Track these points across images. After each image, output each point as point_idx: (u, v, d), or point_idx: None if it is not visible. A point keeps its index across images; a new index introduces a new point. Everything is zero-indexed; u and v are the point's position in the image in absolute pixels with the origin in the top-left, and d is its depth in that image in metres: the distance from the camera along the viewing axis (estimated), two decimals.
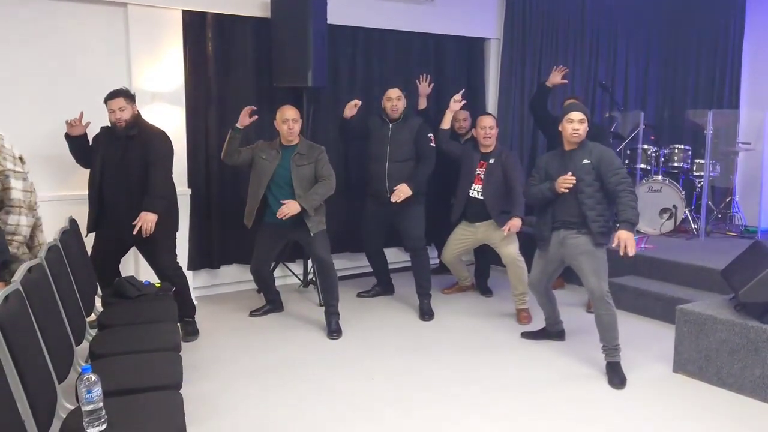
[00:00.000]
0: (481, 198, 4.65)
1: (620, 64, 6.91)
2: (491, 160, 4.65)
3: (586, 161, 3.59)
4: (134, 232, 3.81)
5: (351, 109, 4.73)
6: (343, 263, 5.61)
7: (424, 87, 5.22)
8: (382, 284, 5.21)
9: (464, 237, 4.82)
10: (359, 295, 5.18)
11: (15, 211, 3.15)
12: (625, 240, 3.39)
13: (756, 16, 6.73)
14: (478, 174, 4.68)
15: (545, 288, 4.02)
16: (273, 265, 4.95)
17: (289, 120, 4.21)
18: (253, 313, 4.66)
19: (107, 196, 3.94)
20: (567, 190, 3.61)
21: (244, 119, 4.28)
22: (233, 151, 4.29)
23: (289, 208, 4.13)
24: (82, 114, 4.00)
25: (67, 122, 3.98)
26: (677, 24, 7.13)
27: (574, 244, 3.66)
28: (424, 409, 3.23)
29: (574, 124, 3.59)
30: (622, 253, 3.40)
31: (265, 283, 4.67)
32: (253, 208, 4.32)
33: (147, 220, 3.82)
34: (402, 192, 4.56)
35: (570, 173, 3.60)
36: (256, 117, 4.36)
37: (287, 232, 4.35)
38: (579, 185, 3.60)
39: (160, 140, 4.00)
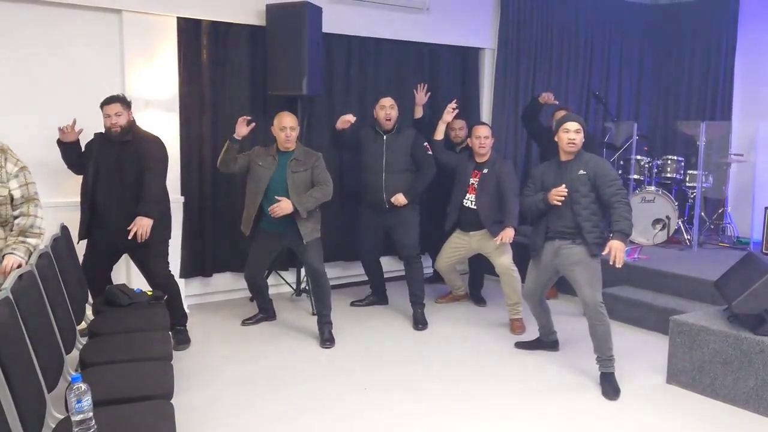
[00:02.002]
0: (475, 208, 4.65)
1: (614, 74, 6.94)
2: (485, 170, 4.65)
3: (581, 172, 3.60)
4: (129, 237, 3.78)
5: (343, 123, 4.69)
6: (336, 272, 5.60)
7: (421, 96, 5.22)
8: (376, 294, 5.20)
9: (458, 246, 4.82)
10: (353, 304, 5.16)
11: (40, 204, 3.17)
12: (616, 250, 3.40)
13: (748, 28, 6.78)
14: (472, 183, 4.69)
15: (539, 298, 4.01)
16: (266, 272, 4.93)
17: (286, 128, 4.18)
18: (246, 322, 4.63)
19: (100, 202, 3.91)
20: (559, 203, 3.61)
21: (242, 129, 4.25)
22: (230, 159, 4.27)
23: (282, 206, 4.08)
24: (74, 121, 3.98)
25: (59, 129, 3.96)
26: (670, 35, 7.17)
27: (568, 254, 3.66)
28: (417, 420, 3.21)
29: (570, 134, 3.61)
30: (611, 262, 3.42)
31: (258, 290, 4.63)
32: (250, 215, 4.28)
33: (142, 225, 3.79)
34: (398, 201, 4.63)
35: (564, 185, 3.62)
36: (254, 125, 4.34)
37: (282, 238, 4.31)
38: (574, 196, 3.60)
39: (155, 146, 3.99)
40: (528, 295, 4.01)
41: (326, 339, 4.25)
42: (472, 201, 4.67)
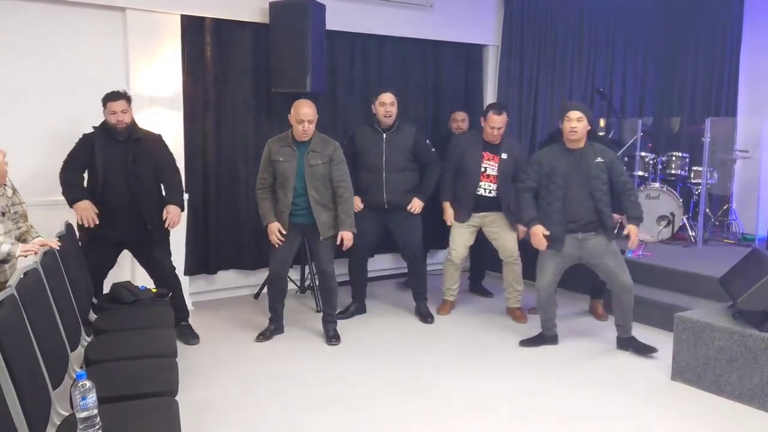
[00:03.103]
0: (494, 196, 4.57)
1: (618, 71, 6.92)
2: (504, 155, 4.55)
3: (599, 160, 3.78)
4: (166, 226, 3.90)
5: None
6: (338, 269, 5.56)
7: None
8: (357, 301, 4.86)
9: (470, 231, 4.71)
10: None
11: None
12: (635, 235, 3.81)
13: (753, 24, 6.75)
14: (485, 170, 4.57)
15: (554, 291, 4.06)
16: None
17: (304, 121, 3.96)
18: (260, 338, 4.24)
19: (112, 202, 3.88)
20: (538, 246, 3.86)
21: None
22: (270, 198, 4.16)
23: (349, 238, 4.09)
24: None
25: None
26: (675, 31, 7.14)
27: (594, 244, 3.82)
28: (420, 418, 3.21)
29: (572, 122, 3.73)
30: (630, 246, 3.80)
31: (280, 292, 4.28)
32: (285, 215, 4.07)
33: (176, 214, 3.92)
34: (416, 206, 4.56)
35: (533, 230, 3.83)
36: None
37: (301, 229, 4.16)
38: (595, 183, 3.77)
39: (164, 144, 4.06)
40: (546, 288, 3.99)
41: (332, 336, 4.24)
42: (490, 189, 4.57)
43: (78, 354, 2.88)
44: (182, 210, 4.06)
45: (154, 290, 3.76)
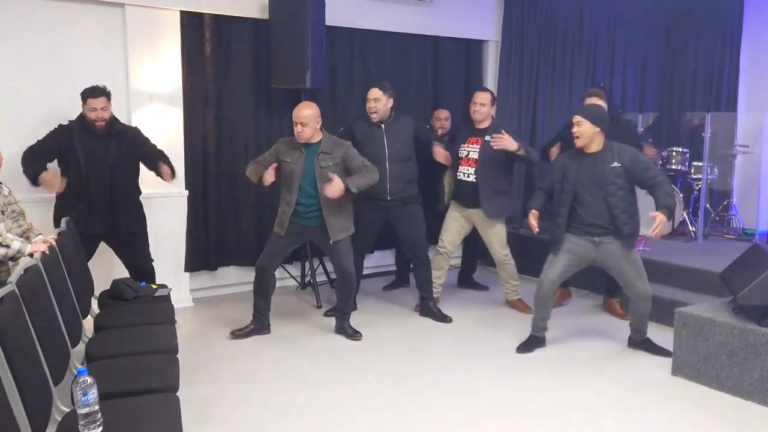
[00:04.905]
0: (473, 181, 4.55)
1: (618, 66, 6.91)
2: (487, 137, 4.49)
3: (615, 164, 3.70)
4: (165, 173, 3.99)
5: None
6: (329, 265, 5.55)
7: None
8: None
9: (462, 223, 4.75)
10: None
11: None
12: (661, 222, 3.57)
13: (754, 19, 6.74)
14: (467, 154, 4.58)
15: (556, 289, 4.05)
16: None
17: (297, 123, 3.91)
18: (235, 333, 4.18)
19: (91, 195, 3.88)
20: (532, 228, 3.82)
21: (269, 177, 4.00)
22: (260, 172, 4.03)
23: (336, 185, 3.81)
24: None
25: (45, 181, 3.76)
26: (675, 26, 7.13)
27: (610, 249, 3.77)
28: (420, 414, 3.22)
29: (574, 128, 3.73)
30: (650, 232, 3.58)
31: (264, 288, 4.19)
32: (287, 215, 4.02)
33: (169, 166, 4.02)
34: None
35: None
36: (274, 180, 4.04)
37: (307, 233, 4.12)
38: (609, 189, 3.69)
39: (143, 134, 4.13)
40: (549, 282, 3.93)
41: (352, 333, 4.22)
42: (467, 174, 4.59)
43: (79, 350, 2.89)
44: (173, 172, 4.08)
45: (155, 287, 3.76)
